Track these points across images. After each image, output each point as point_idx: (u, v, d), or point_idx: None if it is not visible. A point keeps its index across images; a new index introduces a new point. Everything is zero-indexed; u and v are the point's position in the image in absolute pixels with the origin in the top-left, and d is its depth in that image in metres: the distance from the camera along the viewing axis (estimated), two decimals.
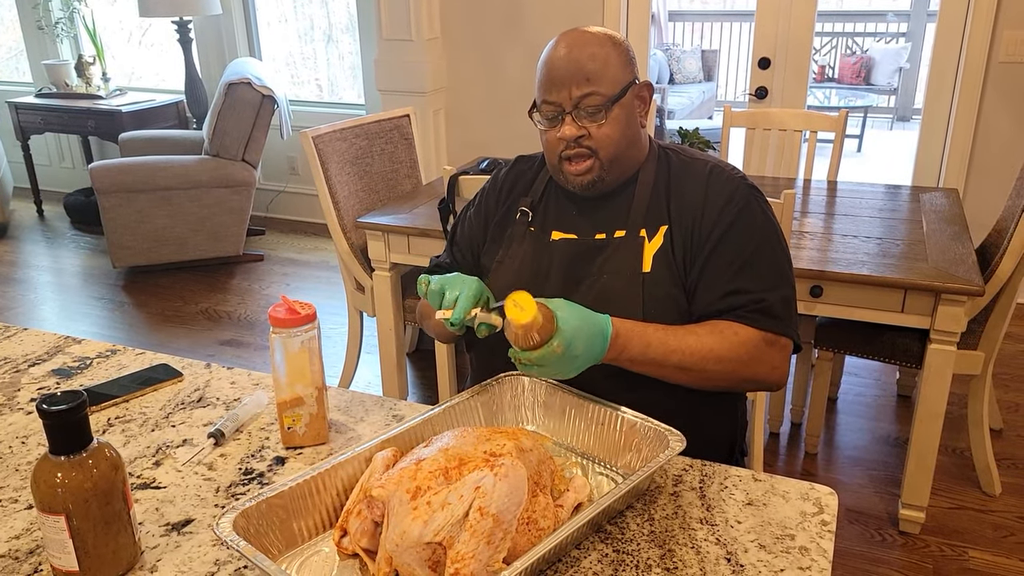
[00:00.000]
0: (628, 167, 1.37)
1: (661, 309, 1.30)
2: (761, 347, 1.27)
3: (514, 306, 1.08)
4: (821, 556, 0.99)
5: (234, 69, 4.36)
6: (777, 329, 1.28)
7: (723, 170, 1.36)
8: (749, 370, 1.28)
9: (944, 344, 2.08)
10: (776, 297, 1.29)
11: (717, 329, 1.27)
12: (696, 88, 7.57)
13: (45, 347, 1.59)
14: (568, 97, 1.29)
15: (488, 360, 1.38)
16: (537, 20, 3.98)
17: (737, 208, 1.31)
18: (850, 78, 7.76)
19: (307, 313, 1.18)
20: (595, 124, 1.30)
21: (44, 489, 0.91)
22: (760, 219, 1.33)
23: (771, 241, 1.33)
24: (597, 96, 1.28)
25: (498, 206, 1.49)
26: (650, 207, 1.35)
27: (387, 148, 3.00)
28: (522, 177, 1.50)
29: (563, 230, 1.40)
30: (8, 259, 4.66)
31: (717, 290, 1.30)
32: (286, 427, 1.23)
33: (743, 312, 1.27)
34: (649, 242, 1.33)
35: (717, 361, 1.25)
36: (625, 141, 1.33)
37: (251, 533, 0.96)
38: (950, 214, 2.51)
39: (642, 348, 1.22)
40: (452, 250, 1.55)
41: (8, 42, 6.02)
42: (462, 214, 1.57)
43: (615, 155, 1.33)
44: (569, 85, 1.28)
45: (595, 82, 1.28)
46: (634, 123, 1.35)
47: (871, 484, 2.52)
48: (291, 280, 4.28)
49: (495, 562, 0.90)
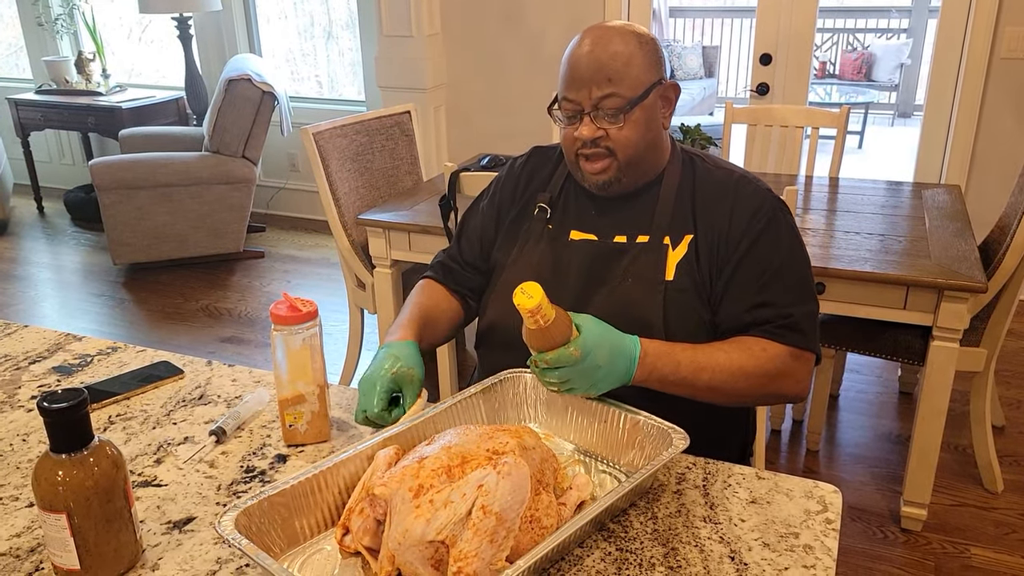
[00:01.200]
0: (648, 170, 1.35)
1: (681, 319, 1.29)
2: (788, 362, 1.26)
3: (521, 293, 1.07)
4: (825, 554, 0.98)
5: (234, 65, 4.35)
6: (803, 344, 1.27)
7: (750, 181, 1.34)
8: (774, 385, 1.27)
9: (947, 341, 2.07)
10: (802, 312, 1.28)
11: (745, 346, 1.26)
12: (697, 84, 7.55)
13: (46, 344, 1.58)
14: (588, 97, 1.27)
15: (496, 359, 1.37)
16: (537, 16, 3.97)
17: (765, 219, 1.30)
18: (851, 74, 7.75)
19: (309, 310, 1.18)
20: (614, 126, 1.28)
21: (45, 487, 0.91)
22: (787, 232, 1.32)
23: (797, 255, 1.32)
24: (617, 98, 1.26)
25: (514, 201, 1.46)
26: (675, 214, 1.33)
27: (388, 145, 3.00)
28: (539, 171, 1.47)
29: (582, 230, 1.38)
30: (8, 256, 4.66)
31: (744, 303, 1.28)
32: (288, 425, 1.23)
33: (771, 328, 1.27)
34: (673, 250, 1.32)
35: (746, 378, 1.24)
36: (644, 144, 1.30)
37: (253, 531, 0.96)
38: (952, 211, 2.51)
39: (672, 367, 1.21)
40: (461, 243, 1.52)
41: (8, 38, 6.01)
42: (473, 205, 1.54)
43: (633, 158, 1.30)
44: (590, 85, 1.26)
45: (616, 83, 1.25)
46: (655, 125, 1.31)
47: (873, 481, 2.52)
48: (292, 277, 4.27)
49: (498, 560, 0.90)
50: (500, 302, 1.39)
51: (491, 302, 1.43)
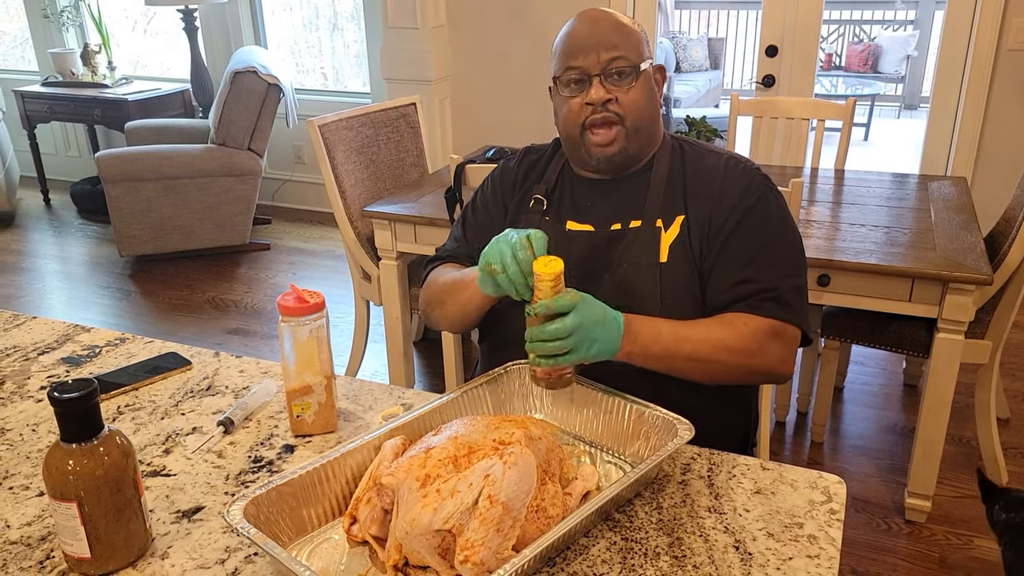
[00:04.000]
0: (648, 143, 1.37)
1: (678, 300, 1.30)
2: (769, 336, 1.27)
3: (543, 263, 1.12)
4: (829, 544, 0.99)
5: (240, 58, 4.35)
6: (785, 317, 1.28)
7: (739, 161, 1.36)
8: (757, 361, 1.27)
9: (952, 333, 2.07)
10: (787, 286, 1.29)
11: (726, 320, 1.27)
12: (703, 76, 7.54)
13: (54, 335, 1.59)
14: (596, 61, 1.29)
15: (499, 352, 1.37)
16: (543, 7, 3.96)
17: (753, 199, 1.31)
18: (857, 66, 7.72)
19: (316, 302, 1.18)
20: (623, 88, 1.30)
21: (56, 476, 0.92)
22: (775, 211, 1.33)
23: (785, 232, 1.33)
24: (625, 60, 1.29)
25: (513, 193, 1.48)
26: (666, 197, 1.35)
27: (393, 137, 3.00)
28: (534, 167, 1.49)
29: (578, 220, 1.40)
30: (15, 248, 4.68)
31: (727, 279, 1.30)
32: (295, 415, 1.23)
33: (753, 301, 1.27)
34: (665, 232, 1.33)
35: (728, 351, 1.25)
36: (649, 113, 1.33)
37: (261, 520, 0.97)
38: (958, 203, 2.50)
39: (653, 336, 1.22)
40: (466, 235, 1.51)
41: (13, 31, 6.02)
42: (473, 199, 1.55)
43: (639, 124, 1.32)
44: (597, 49, 1.29)
45: (623, 48, 1.29)
46: (655, 99, 1.35)
47: (877, 473, 2.52)
48: (297, 269, 4.28)
49: (504, 549, 0.91)
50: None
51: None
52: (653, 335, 1.22)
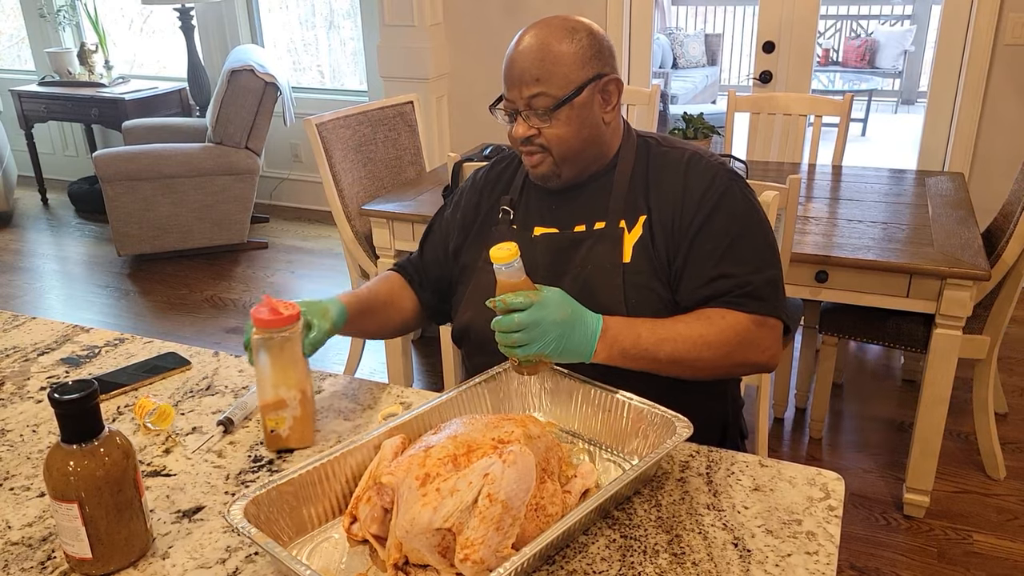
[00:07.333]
0: (588, 163, 1.36)
1: (642, 300, 1.30)
2: (751, 330, 1.27)
3: (497, 249, 1.12)
4: (828, 541, 0.99)
5: (236, 56, 4.35)
6: (764, 311, 1.28)
7: (702, 158, 1.35)
8: (740, 354, 1.27)
9: (950, 329, 2.08)
10: (761, 279, 1.29)
11: (704, 316, 1.27)
12: (700, 72, 7.54)
13: (54, 336, 1.59)
14: (520, 96, 1.29)
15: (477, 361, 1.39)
16: (540, 4, 3.96)
17: (717, 194, 1.31)
18: (854, 61, 7.72)
19: (290, 314, 1.15)
20: (544, 124, 1.29)
21: (57, 477, 0.92)
22: (741, 204, 1.32)
23: (753, 225, 1.32)
24: (546, 97, 1.27)
25: (479, 206, 1.48)
26: (628, 197, 1.35)
27: (390, 135, 3.00)
28: (502, 177, 1.50)
29: (544, 224, 1.40)
30: (13, 248, 4.67)
31: (701, 277, 1.30)
32: (269, 430, 1.20)
33: (729, 297, 1.28)
34: (628, 233, 1.33)
35: (708, 347, 1.25)
36: (579, 140, 1.31)
37: (262, 520, 0.97)
38: (956, 198, 2.51)
39: (633, 339, 1.22)
40: (423, 253, 1.55)
41: (10, 30, 6.01)
42: (438, 214, 1.57)
43: (567, 153, 1.32)
44: (520, 85, 1.28)
45: (544, 82, 1.26)
46: (592, 122, 1.31)
47: (876, 469, 2.53)
48: (295, 268, 4.28)
49: (504, 548, 0.91)
50: (473, 303, 1.40)
51: (465, 303, 1.44)
52: (633, 339, 1.22)
